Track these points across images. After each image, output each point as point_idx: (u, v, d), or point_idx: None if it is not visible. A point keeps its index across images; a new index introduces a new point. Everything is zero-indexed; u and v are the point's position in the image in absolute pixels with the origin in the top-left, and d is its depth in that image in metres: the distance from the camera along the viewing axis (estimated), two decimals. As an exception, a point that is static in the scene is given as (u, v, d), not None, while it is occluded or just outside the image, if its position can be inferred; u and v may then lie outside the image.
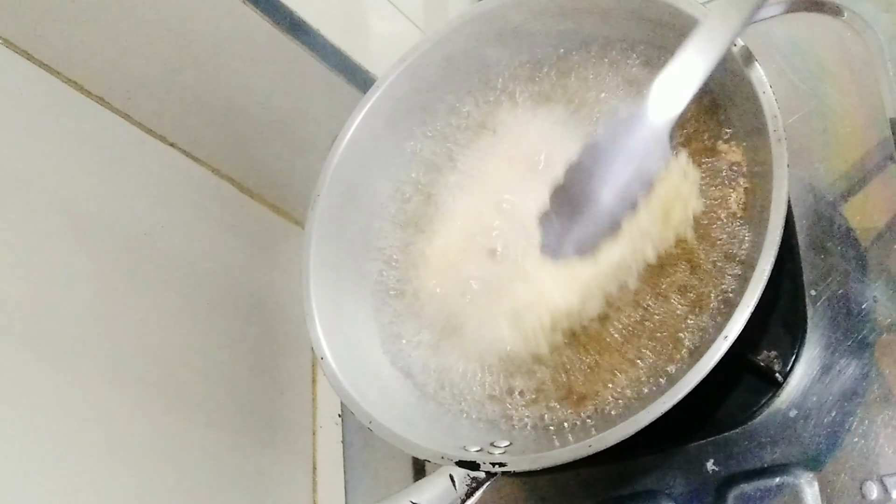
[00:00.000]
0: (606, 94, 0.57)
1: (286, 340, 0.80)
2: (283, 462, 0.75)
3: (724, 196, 0.51)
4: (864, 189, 0.54)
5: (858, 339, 0.51)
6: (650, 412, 0.42)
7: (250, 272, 0.80)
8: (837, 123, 0.56)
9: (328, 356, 0.54)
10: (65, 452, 0.56)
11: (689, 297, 0.49)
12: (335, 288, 0.59)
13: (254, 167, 0.81)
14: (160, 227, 0.70)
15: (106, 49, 0.65)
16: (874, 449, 0.48)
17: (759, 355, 0.52)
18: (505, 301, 0.54)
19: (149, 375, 0.64)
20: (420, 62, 0.61)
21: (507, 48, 0.61)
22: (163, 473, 0.63)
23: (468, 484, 0.46)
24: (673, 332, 0.49)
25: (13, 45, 0.61)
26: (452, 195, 0.60)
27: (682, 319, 0.49)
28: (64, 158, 0.63)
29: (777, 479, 0.49)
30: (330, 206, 0.60)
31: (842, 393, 0.50)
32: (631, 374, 0.50)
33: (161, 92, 0.70)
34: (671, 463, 0.53)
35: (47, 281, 0.58)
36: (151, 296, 0.67)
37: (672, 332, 0.49)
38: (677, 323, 0.49)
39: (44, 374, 0.56)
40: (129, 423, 0.61)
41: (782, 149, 0.45)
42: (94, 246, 0.63)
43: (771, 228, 0.43)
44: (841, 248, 0.53)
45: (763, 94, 0.46)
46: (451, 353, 0.56)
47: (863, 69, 0.57)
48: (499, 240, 0.57)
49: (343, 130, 0.61)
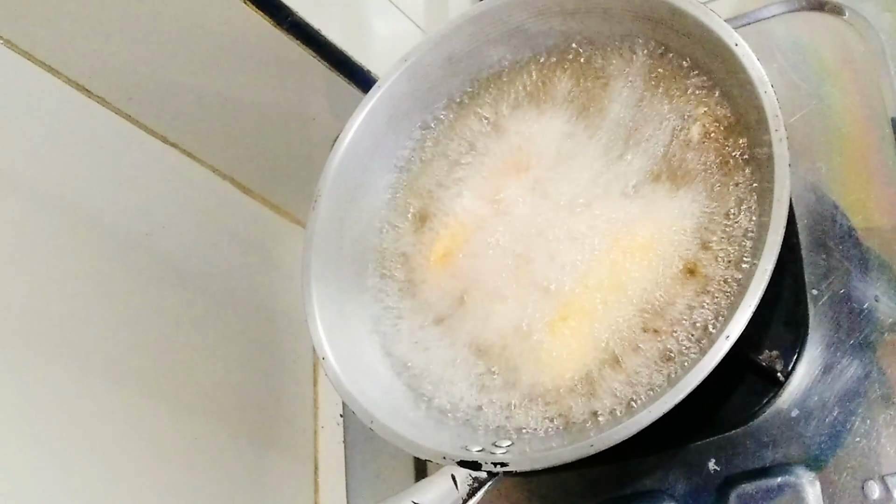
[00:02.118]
0: (607, 93, 0.57)
1: (287, 341, 0.80)
2: (285, 462, 0.75)
3: (724, 196, 0.51)
4: (866, 188, 0.54)
5: (860, 339, 0.50)
6: (652, 412, 0.42)
7: (251, 272, 0.79)
8: (839, 123, 0.56)
9: (329, 356, 0.54)
10: (64, 453, 0.55)
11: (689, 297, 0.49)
12: (336, 288, 0.58)
13: (254, 167, 0.81)
14: (161, 227, 0.70)
15: (106, 49, 0.65)
16: (876, 448, 0.48)
17: (761, 355, 0.52)
18: (508, 300, 0.54)
19: (149, 376, 0.64)
20: (421, 62, 0.61)
21: (509, 48, 0.61)
22: (164, 474, 0.63)
23: (470, 484, 0.46)
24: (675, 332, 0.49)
25: (14, 46, 0.61)
26: (454, 195, 0.60)
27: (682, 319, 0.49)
28: (64, 158, 0.63)
29: (779, 479, 0.49)
30: (331, 206, 0.60)
31: (843, 392, 0.50)
32: (632, 373, 0.49)
33: (161, 92, 0.70)
34: (673, 463, 0.52)
35: (47, 281, 0.58)
36: (152, 296, 0.67)
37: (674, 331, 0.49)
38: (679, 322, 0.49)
39: (44, 373, 0.56)
40: (129, 423, 0.61)
41: (783, 148, 0.45)
42: (94, 246, 0.63)
43: (772, 228, 0.43)
44: (842, 248, 0.53)
45: (764, 93, 0.46)
46: (453, 352, 0.56)
47: (864, 68, 0.57)
48: (500, 239, 0.57)
49: (344, 130, 0.61)
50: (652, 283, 0.51)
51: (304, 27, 0.68)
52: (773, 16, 0.61)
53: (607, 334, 0.51)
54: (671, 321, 0.49)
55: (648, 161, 0.54)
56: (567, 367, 0.52)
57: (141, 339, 0.64)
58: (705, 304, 0.48)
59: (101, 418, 0.59)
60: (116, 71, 0.67)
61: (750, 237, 0.48)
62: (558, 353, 0.52)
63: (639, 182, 0.53)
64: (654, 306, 0.50)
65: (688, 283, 0.50)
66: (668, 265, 0.51)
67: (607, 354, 0.50)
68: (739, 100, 0.50)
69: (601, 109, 0.57)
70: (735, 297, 0.47)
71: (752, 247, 0.48)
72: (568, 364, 0.52)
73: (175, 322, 0.68)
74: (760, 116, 0.46)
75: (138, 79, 0.68)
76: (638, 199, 0.53)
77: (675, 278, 0.50)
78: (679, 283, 0.50)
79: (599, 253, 0.53)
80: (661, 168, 0.53)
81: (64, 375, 0.57)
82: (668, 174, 0.53)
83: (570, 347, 0.52)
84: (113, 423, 0.60)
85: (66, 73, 0.64)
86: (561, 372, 0.52)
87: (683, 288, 0.50)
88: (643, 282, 0.51)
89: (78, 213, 0.62)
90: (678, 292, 0.50)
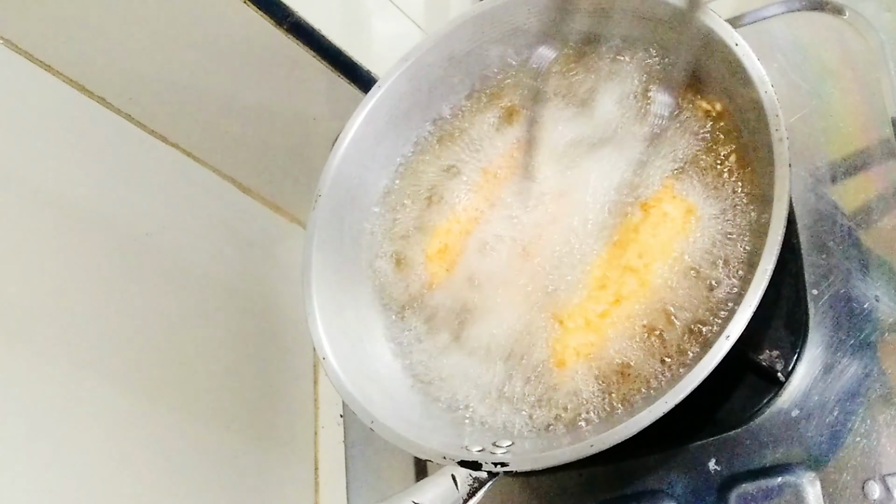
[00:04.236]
0: (607, 92, 0.57)
1: (287, 341, 0.80)
2: (285, 462, 0.75)
3: (724, 196, 0.51)
4: (866, 188, 0.54)
5: (860, 339, 0.50)
6: (652, 412, 0.42)
7: (251, 272, 0.79)
8: (839, 122, 0.56)
9: (330, 356, 0.54)
10: (65, 453, 0.55)
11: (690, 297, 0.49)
12: (337, 288, 0.59)
13: (254, 167, 0.81)
14: (161, 227, 0.70)
15: (107, 49, 0.65)
16: (876, 448, 0.48)
17: (761, 355, 0.52)
18: (511, 300, 0.54)
19: (149, 376, 0.64)
20: (421, 62, 0.61)
21: (509, 47, 0.61)
22: (164, 473, 0.63)
23: (470, 484, 0.46)
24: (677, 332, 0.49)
25: (14, 46, 0.61)
26: (454, 194, 0.60)
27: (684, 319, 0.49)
28: (65, 158, 0.63)
29: (779, 479, 0.49)
30: (331, 205, 0.60)
31: (844, 392, 0.50)
32: (633, 373, 0.49)
33: (162, 92, 0.70)
34: (673, 462, 0.52)
35: (47, 281, 0.58)
36: (152, 296, 0.67)
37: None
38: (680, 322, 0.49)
39: (43, 373, 0.56)
40: (129, 423, 0.61)
41: (784, 148, 0.45)
42: (94, 246, 0.63)
43: (772, 228, 0.43)
44: (843, 248, 0.53)
45: (764, 93, 0.46)
46: (453, 351, 0.56)
47: (864, 68, 0.57)
48: (501, 238, 0.57)
49: (344, 130, 0.61)
50: (654, 284, 0.51)
51: (304, 27, 0.68)
52: (773, 16, 0.61)
53: (609, 335, 0.51)
54: (673, 321, 0.49)
55: (648, 161, 0.54)
56: (568, 367, 0.52)
57: (141, 338, 0.64)
58: (706, 304, 0.48)
59: (100, 418, 0.59)
60: (116, 71, 0.67)
61: (750, 237, 0.48)
62: (560, 354, 0.52)
63: (639, 182, 0.53)
64: (656, 306, 0.50)
65: (689, 284, 0.50)
66: (670, 265, 0.51)
67: (609, 355, 0.51)
68: (739, 100, 0.50)
69: (601, 109, 0.57)
70: (735, 297, 0.47)
71: (752, 247, 0.48)
72: (569, 364, 0.52)
73: (175, 322, 0.68)
74: (760, 116, 0.46)
75: (138, 79, 0.68)
76: (638, 199, 0.53)
77: (677, 278, 0.50)
78: (681, 283, 0.50)
79: (601, 254, 0.53)
80: (662, 168, 0.53)
81: (64, 375, 0.57)
82: (668, 174, 0.53)
83: (572, 347, 0.52)
84: (113, 422, 0.59)
85: (66, 73, 0.64)
86: (562, 372, 0.52)
87: (685, 288, 0.50)
88: (645, 282, 0.51)
89: (78, 213, 0.62)
90: (680, 292, 0.50)
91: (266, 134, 0.78)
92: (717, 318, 0.48)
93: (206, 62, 0.69)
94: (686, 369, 0.46)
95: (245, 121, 0.76)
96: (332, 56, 0.71)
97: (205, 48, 0.68)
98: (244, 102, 0.74)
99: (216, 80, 0.71)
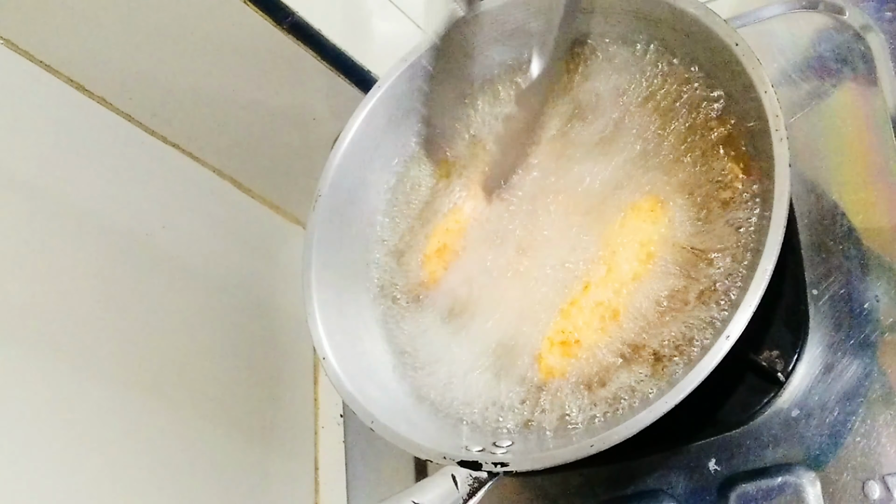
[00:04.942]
0: (608, 92, 0.57)
1: (287, 341, 0.80)
2: (286, 462, 0.75)
3: (724, 196, 0.51)
4: (866, 188, 0.54)
5: (860, 339, 0.50)
6: (652, 412, 0.42)
7: (251, 272, 0.79)
8: (839, 122, 0.56)
9: (330, 356, 0.54)
10: (65, 453, 0.55)
11: (691, 296, 0.49)
12: (337, 288, 0.59)
13: (254, 167, 0.81)
14: (161, 227, 0.70)
15: (107, 49, 0.65)
16: (876, 448, 0.48)
17: (761, 355, 0.52)
18: (511, 300, 0.54)
19: (149, 375, 0.64)
20: (421, 62, 0.61)
21: (509, 48, 0.61)
22: (164, 473, 0.63)
23: (470, 484, 0.46)
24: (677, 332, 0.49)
25: (14, 46, 0.61)
26: (454, 194, 0.60)
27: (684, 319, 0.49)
28: (65, 158, 0.63)
29: (779, 479, 0.49)
30: (331, 206, 0.60)
31: (844, 392, 0.50)
32: (633, 373, 0.49)
33: (161, 92, 0.70)
34: (673, 462, 0.52)
35: (48, 281, 0.58)
36: (152, 296, 0.67)
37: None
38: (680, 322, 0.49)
39: (44, 373, 0.56)
40: (129, 423, 0.61)
41: (784, 148, 0.45)
42: (94, 246, 0.63)
43: (773, 228, 0.43)
44: (843, 248, 0.53)
45: (764, 93, 0.46)
46: (453, 351, 0.56)
47: (864, 68, 0.57)
48: (502, 237, 0.57)
49: (344, 130, 0.61)
50: (654, 284, 0.51)
51: (304, 27, 0.68)
52: (773, 16, 0.61)
53: (610, 334, 0.51)
54: (673, 321, 0.49)
55: (648, 161, 0.54)
56: (569, 367, 0.52)
57: (141, 338, 0.64)
58: (707, 304, 0.48)
59: (100, 418, 0.59)
60: (116, 71, 0.67)
61: (750, 237, 0.48)
62: (561, 354, 0.52)
63: (639, 182, 0.53)
64: (656, 306, 0.50)
65: (690, 284, 0.50)
66: (671, 265, 0.51)
67: (609, 354, 0.50)
68: (739, 99, 0.50)
69: (601, 109, 0.57)
70: (735, 297, 0.47)
71: (752, 247, 0.48)
72: (570, 364, 0.52)
73: (175, 322, 0.68)
74: (760, 116, 0.46)
75: (138, 79, 0.68)
76: (635, 199, 0.53)
77: (675, 278, 0.50)
78: (681, 284, 0.50)
79: (600, 253, 0.53)
80: (662, 168, 0.53)
81: (64, 375, 0.57)
82: (668, 173, 0.53)
83: (573, 347, 0.52)
84: (113, 422, 0.60)
85: (66, 73, 0.64)
86: (563, 372, 0.52)
87: (685, 288, 0.50)
88: (645, 282, 0.51)
89: (78, 213, 0.62)
90: (680, 292, 0.50)
91: (266, 134, 0.78)
92: (717, 318, 0.48)
93: (207, 62, 0.69)
94: (686, 369, 0.46)
95: (245, 121, 0.76)
96: (332, 56, 0.71)
97: (205, 48, 0.68)
98: (244, 102, 0.74)
99: (216, 80, 0.71)
